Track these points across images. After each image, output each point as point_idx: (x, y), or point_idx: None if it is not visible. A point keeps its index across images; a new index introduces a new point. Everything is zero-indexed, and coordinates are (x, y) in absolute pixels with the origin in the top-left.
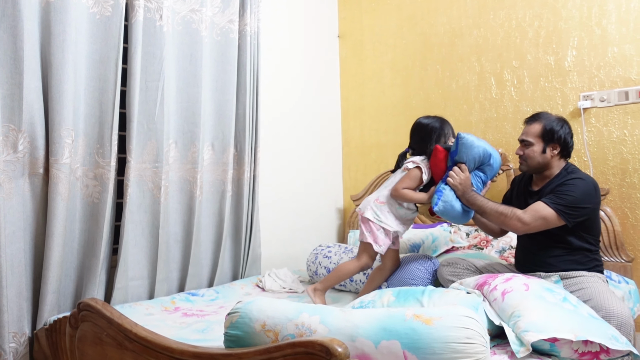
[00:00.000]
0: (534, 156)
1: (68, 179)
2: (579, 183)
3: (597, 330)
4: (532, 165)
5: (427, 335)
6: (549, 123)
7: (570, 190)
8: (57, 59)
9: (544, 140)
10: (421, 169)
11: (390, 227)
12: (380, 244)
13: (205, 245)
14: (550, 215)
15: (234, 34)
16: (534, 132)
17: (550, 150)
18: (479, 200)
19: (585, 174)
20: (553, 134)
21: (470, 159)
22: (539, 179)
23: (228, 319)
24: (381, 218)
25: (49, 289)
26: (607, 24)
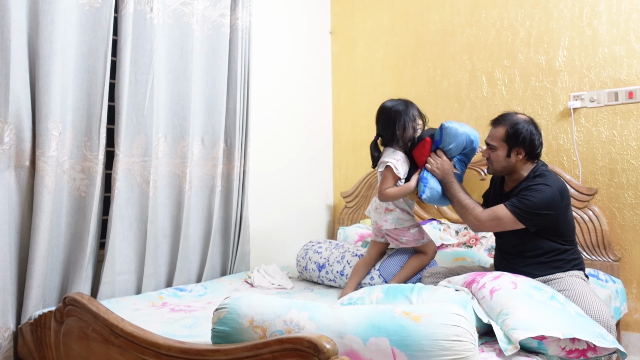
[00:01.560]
0: (499, 160)
1: (55, 172)
2: (544, 189)
3: (585, 328)
4: (497, 169)
5: (416, 333)
6: (512, 126)
7: (531, 196)
8: (45, 50)
9: (509, 145)
10: (391, 166)
11: (412, 220)
12: (422, 236)
13: (194, 240)
14: (505, 217)
15: (225, 28)
16: (498, 136)
17: (514, 154)
18: (453, 188)
19: (554, 178)
20: (517, 137)
21: (454, 147)
22: (510, 181)
23: (216, 314)
24: (405, 219)
25: (34, 283)
26: (598, 25)
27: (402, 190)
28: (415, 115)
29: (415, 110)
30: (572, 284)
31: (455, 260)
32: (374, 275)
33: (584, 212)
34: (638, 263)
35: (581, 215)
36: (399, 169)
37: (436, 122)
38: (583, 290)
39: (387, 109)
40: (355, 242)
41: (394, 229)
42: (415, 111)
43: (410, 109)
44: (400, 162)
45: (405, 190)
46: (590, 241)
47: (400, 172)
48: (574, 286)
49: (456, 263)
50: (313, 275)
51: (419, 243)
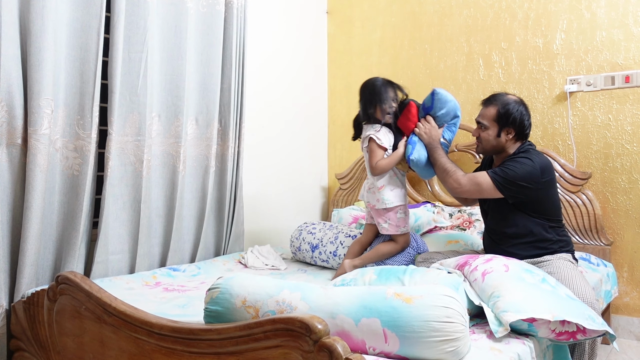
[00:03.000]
0: (489, 139)
1: (47, 150)
2: (525, 162)
3: (575, 310)
4: (486, 148)
5: (407, 314)
6: (504, 107)
7: (513, 166)
8: (36, 26)
9: (499, 124)
10: (373, 138)
11: (403, 201)
12: (404, 224)
13: (188, 220)
14: (485, 183)
15: (220, 6)
16: (489, 115)
17: (505, 134)
18: (437, 153)
19: (538, 155)
20: (508, 117)
21: (444, 113)
22: (498, 159)
23: (208, 294)
24: (393, 200)
25: (26, 262)
26: (597, 8)
27: (393, 159)
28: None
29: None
30: (559, 266)
31: (449, 242)
32: None
33: (577, 196)
34: (629, 247)
35: (574, 199)
36: (382, 139)
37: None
38: (570, 273)
39: (367, 85)
40: (350, 223)
41: (384, 209)
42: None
43: (389, 86)
44: (382, 133)
45: (395, 157)
46: (583, 225)
47: (384, 142)
48: (561, 269)
49: (449, 246)
50: (306, 256)
51: (399, 231)
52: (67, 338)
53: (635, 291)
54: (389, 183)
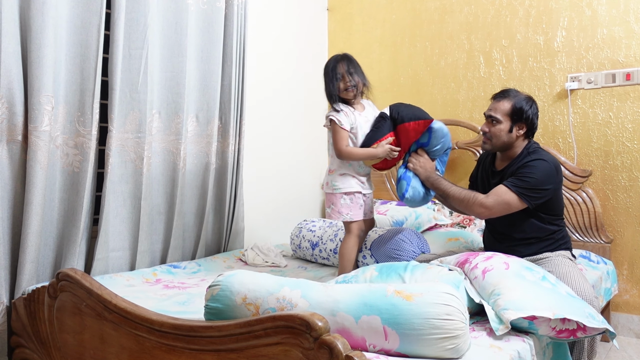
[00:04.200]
0: (500, 135)
1: (47, 147)
2: (540, 165)
3: (575, 308)
4: (496, 144)
5: (408, 311)
6: (518, 102)
7: (531, 173)
8: (36, 22)
9: (512, 120)
10: (335, 120)
11: (352, 187)
12: (348, 212)
13: (188, 217)
14: (512, 200)
15: (220, 2)
16: (503, 109)
17: (516, 129)
18: (443, 184)
19: (547, 154)
20: (522, 113)
21: (440, 148)
22: (502, 158)
23: (209, 291)
24: (339, 185)
25: (27, 258)
26: (598, 5)
27: (367, 154)
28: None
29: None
30: (558, 264)
31: (449, 240)
32: (365, 254)
33: (578, 194)
34: (629, 245)
35: (575, 197)
36: (342, 121)
37: (433, 101)
38: (568, 270)
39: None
40: None
41: (330, 194)
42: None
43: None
44: (342, 115)
45: (370, 154)
46: (583, 223)
47: (345, 124)
48: (560, 266)
49: (449, 243)
50: (307, 254)
51: (341, 217)
52: (68, 335)
53: (635, 289)
54: (339, 167)
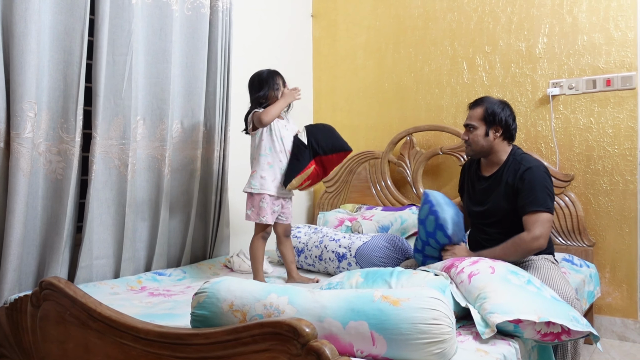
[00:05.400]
0: (478, 140)
1: (30, 154)
2: (536, 173)
3: (559, 312)
4: (476, 149)
5: (395, 316)
6: (490, 106)
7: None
8: (19, 28)
9: (486, 123)
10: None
11: (270, 190)
12: (264, 214)
13: (173, 224)
14: (547, 216)
15: (205, 9)
16: (476, 115)
17: (492, 133)
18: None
19: (533, 159)
20: (495, 116)
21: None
22: (488, 165)
23: (195, 298)
24: (259, 186)
25: (9, 267)
26: (578, 13)
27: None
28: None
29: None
30: (540, 266)
31: None
32: (350, 262)
33: (560, 198)
34: (611, 248)
35: (558, 201)
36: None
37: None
38: (551, 273)
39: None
40: (335, 226)
41: (248, 194)
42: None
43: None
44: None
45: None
46: (566, 226)
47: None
48: (542, 269)
49: None
50: None
51: (258, 219)
52: (51, 344)
53: (617, 291)
54: (263, 170)
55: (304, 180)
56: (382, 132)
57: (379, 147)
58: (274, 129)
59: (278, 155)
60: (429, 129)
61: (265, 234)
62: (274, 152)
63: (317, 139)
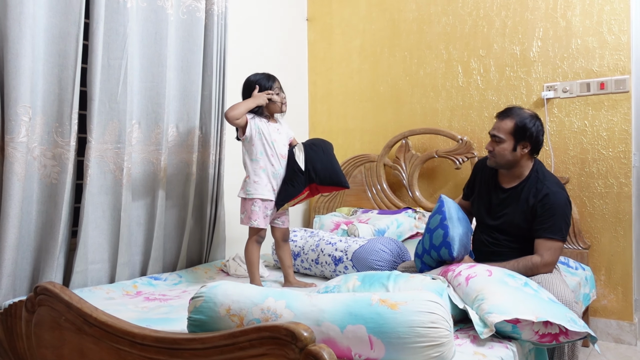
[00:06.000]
0: (504, 154)
1: (25, 159)
2: (559, 199)
3: (557, 312)
4: (501, 162)
5: (393, 320)
6: (521, 120)
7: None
8: (13, 32)
9: (515, 138)
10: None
11: (263, 195)
12: (256, 218)
13: (169, 228)
14: (560, 244)
15: (200, 12)
16: (506, 128)
17: (520, 148)
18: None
19: (554, 178)
20: (525, 131)
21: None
22: (509, 176)
23: (192, 303)
24: (251, 191)
25: (4, 272)
26: (572, 16)
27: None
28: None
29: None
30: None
31: None
32: (347, 265)
33: None
34: (607, 251)
35: None
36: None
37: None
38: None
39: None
40: (331, 230)
41: (243, 199)
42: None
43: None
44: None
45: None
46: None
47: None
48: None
49: None
50: None
51: (250, 223)
52: (46, 350)
53: (612, 294)
54: (255, 175)
55: (296, 203)
56: (377, 136)
57: (375, 151)
58: (264, 133)
59: (270, 160)
60: (424, 132)
61: (259, 238)
62: (265, 157)
63: (315, 168)
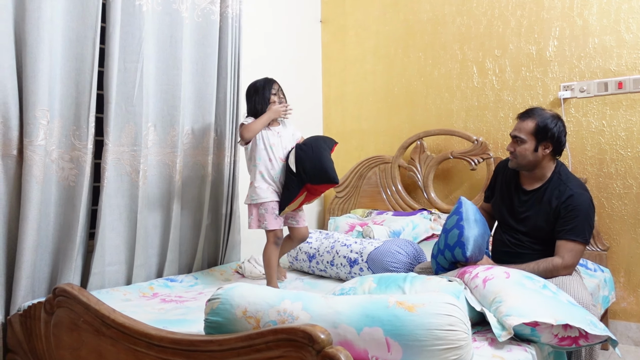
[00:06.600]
0: (526, 154)
1: (43, 161)
2: (583, 201)
3: (577, 315)
4: (522, 163)
5: (410, 322)
6: (542, 120)
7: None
8: (32, 36)
9: (537, 139)
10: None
11: (267, 198)
12: (266, 220)
13: (184, 230)
14: (581, 247)
15: (215, 15)
16: (527, 129)
17: (542, 149)
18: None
19: (577, 180)
20: (547, 132)
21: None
22: (530, 178)
23: (209, 305)
24: (254, 196)
25: (23, 274)
26: (589, 15)
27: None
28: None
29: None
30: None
31: None
32: (362, 267)
33: None
34: (626, 252)
35: None
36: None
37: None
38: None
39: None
40: (346, 232)
41: (249, 205)
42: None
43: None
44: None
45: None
46: None
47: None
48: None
49: None
50: (304, 266)
51: (261, 226)
52: (65, 351)
53: (632, 296)
54: (256, 180)
55: (299, 204)
56: (392, 137)
57: (389, 152)
58: (263, 137)
59: (268, 164)
60: (439, 133)
61: (276, 239)
62: (264, 162)
63: (305, 168)
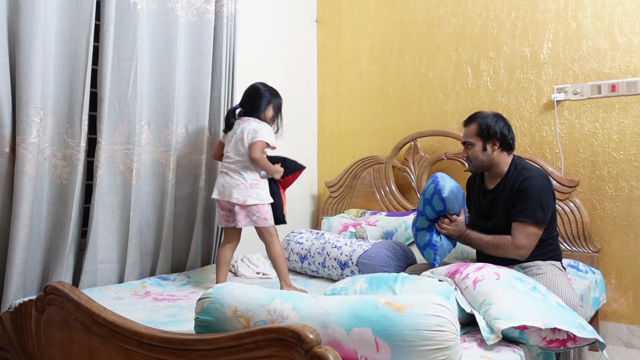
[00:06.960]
0: (477, 156)
1: (35, 159)
2: (533, 183)
3: (565, 318)
4: (477, 165)
5: (399, 323)
6: (483, 121)
7: (530, 196)
8: (25, 34)
9: (482, 138)
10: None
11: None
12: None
13: (177, 229)
14: (534, 229)
15: (210, 14)
16: (472, 132)
17: (490, 146)
18: (474, 239)
19: (533, 167)
20: (489, 129)
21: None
22: (491, 177)
23: (199, 304)
24: (264, 197)
25: (14, 272)
26: (583, 18)
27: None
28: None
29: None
30: (546, 271)
31: None
32: (353, 270)
33: (566, 204)
34: (617, 254)
35: (562, 207)
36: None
37: (421, 112)
38: (556, 279)
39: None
40: (339, 232)
41: (255, 205)
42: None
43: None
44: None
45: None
46: (571, 232)
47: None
48: (548, 274)
49: None
50: (296, 266)
51: (267, 223)
52: (55, 349)
53: (623, 298)
54: (260, 180)
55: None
56: (386, 137)
57: (383, 152)
58: None
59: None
60: (433, 134)
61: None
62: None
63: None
